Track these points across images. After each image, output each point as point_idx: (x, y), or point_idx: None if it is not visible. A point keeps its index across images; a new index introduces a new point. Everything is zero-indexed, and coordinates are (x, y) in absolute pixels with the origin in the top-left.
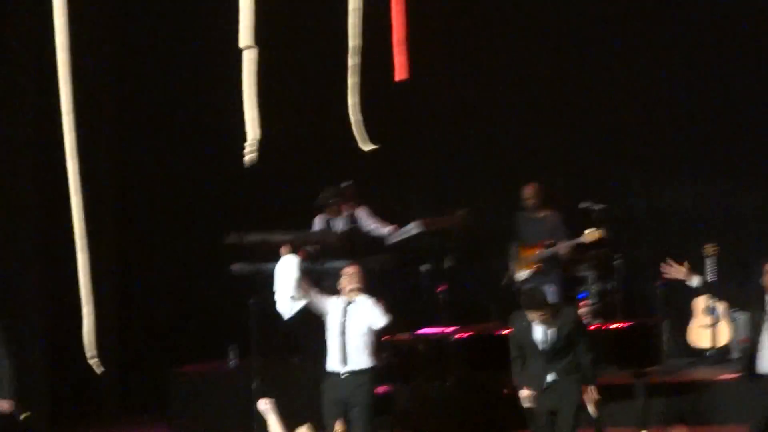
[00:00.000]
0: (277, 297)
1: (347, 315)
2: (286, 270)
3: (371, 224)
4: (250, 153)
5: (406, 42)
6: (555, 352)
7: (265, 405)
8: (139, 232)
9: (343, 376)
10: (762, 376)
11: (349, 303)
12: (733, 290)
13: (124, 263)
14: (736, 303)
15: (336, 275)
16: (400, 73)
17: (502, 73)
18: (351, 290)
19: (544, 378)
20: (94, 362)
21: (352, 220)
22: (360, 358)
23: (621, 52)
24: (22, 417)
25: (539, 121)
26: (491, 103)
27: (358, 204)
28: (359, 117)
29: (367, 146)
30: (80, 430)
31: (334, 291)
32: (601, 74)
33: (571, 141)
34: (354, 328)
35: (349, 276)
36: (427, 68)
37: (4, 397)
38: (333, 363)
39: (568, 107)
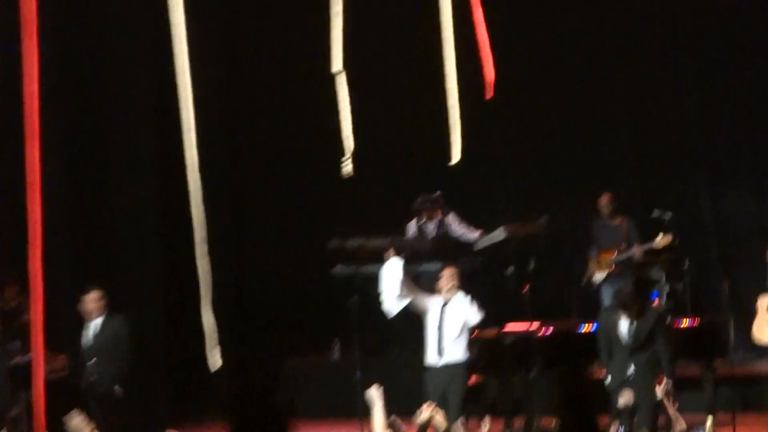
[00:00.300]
0: (383, 297)
1: (444, 312)
2: (392, 272)
3: (460, 230)
4: (347, 165)
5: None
6: (636, 346)
7: (375, 391)
8: (253, 240)
9: (440, 368)
10: None
11: (447, 302)
12: None
13: (240, 267)
14: None
15: (429, 277)
16: (489, 91)
17: (579, 90)
18: (449, 289)
19: (626, 370)
20: (213, 359)
21: (442, 225)
22: (455, 351)
23: (690, 65)
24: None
25: (614, 136)
26: (570, 119)
27: (448, 211)
28: (458, 135)
29: (456, 159)
30: (196, 423)
31: (428, 292)
32: (668, 92)
33: (644, 153)
34: (450, 324)
35: (447, 277)
36: (510, 85)
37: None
38: (431, 356)
39: (639, 123)
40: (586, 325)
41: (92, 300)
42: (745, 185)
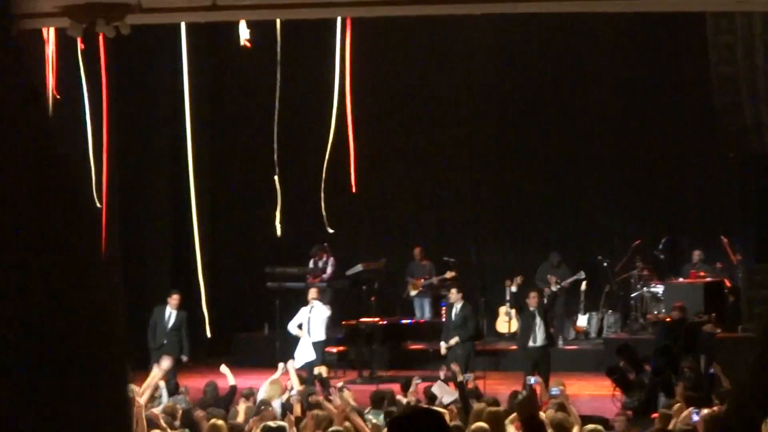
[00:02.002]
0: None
1: (311, 315)
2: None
3: (333, 266)
4: (278, 226)
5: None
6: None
7: (291, 364)
8: (222, 263)
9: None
10: (529, 347)
11: (311, 309)
12: None
13: (214, 276)
14: None
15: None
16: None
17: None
18: (313, 299)
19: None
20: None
21: (327, 263)
22: (317, 335)
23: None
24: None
25: (423, 207)
26: (397, 199)
27: (330, 255)
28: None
29: (330, 229)
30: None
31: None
32: (448, 176)
33: (437, 222)
34: (315, 321)
35: (312, 292)
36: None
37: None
38: (304, 336)
39: (436, 203)
40: (405, 319)
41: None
42: (493, 241)
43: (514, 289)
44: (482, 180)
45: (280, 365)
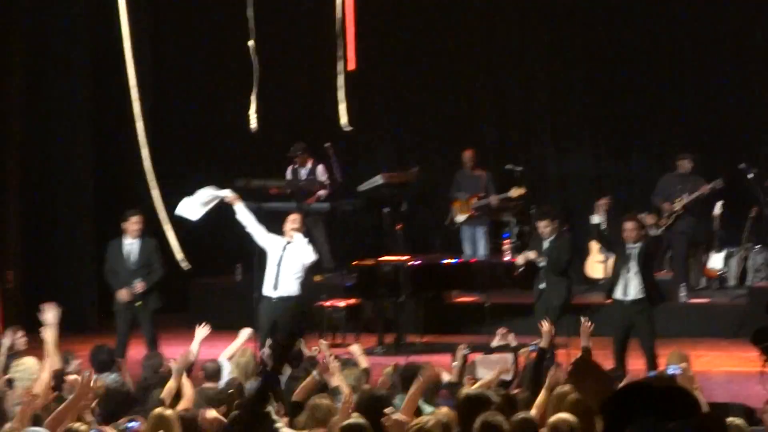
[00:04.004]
0: (186, 205)
1: (285, 251)
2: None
3: (322, 178)
4: (252, 121)
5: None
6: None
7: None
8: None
9: (274, 300)
10: (616, 300)
11: (288, 242)
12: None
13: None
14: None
15: (284, 214)
16: (351, 64)
17: (448, 59)
18: (292, 231)
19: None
20: (183, 263)
21: (312, 173)
22: (290, 287)
23: (541, 40)
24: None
25: (478, 99)
26: (440, 87)
27: (317, 162)
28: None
29: (346, 125)
30: None
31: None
32: (522, 65)
33: (501, 116)
34: (289, 262)
35: (290, 221)
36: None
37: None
38: (267, 288)
39: (500, 90)
40: (448, 258)
41: (136, 222)
42: (583, 147)
43: (596, 219)
44: (564, 56)
45: (244, 331)
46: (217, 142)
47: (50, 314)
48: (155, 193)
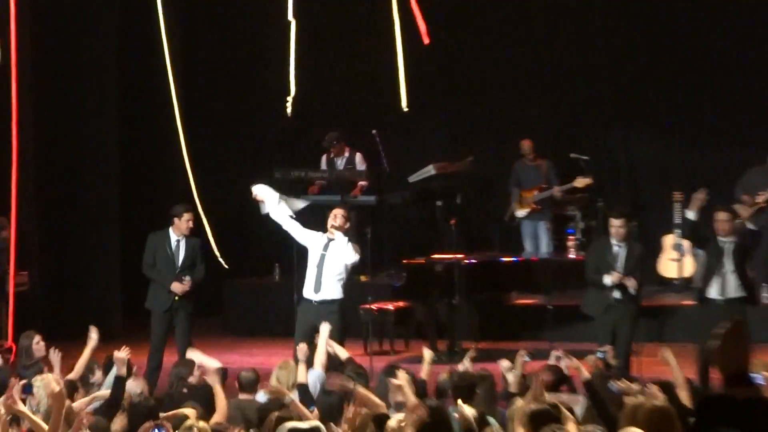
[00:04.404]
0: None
1: (327, 251)
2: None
3: (362, 167)
4: (289, 106)
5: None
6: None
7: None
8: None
9: (315, 303)
10: (711, 300)
11: (330, 241)
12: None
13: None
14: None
15: (328, 207)
16: (425, 38)
17: (503, 40)
18: (335, 228)
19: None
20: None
21: (350, 162)
22: (332, 289)
23: (606, 18)
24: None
25: (536, 84)
26: (496, 72)
27: (355, 151)
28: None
29: (405, 107)
30: None
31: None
32: (585, 45)
33: (563, 101)
34: (331, 263)
35: (334, 216)
36: (443, 39)
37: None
38: (308, 291)
39: (560, 73)
40: (507, 257)
41: (190, 218)
42: (654, 134)
43: (691, 214)
44: (636, 34)
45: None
46: (251, 132)
47: (95, 334)
48: (193, 188)
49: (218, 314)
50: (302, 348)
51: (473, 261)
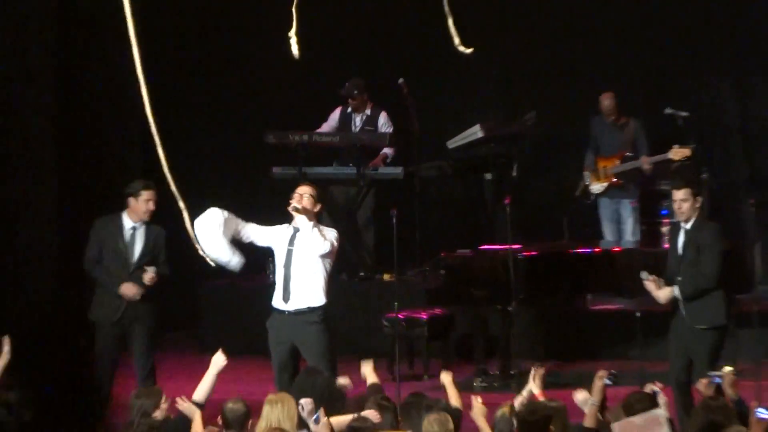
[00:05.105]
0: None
1: (293, 245)
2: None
3: (386, 129)
4: (293, 43)
5: None
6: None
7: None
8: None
9: (288, 314)
10: None
11: (295, 232)
12: None
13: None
14: None
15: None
16: None
17: None
18: (299, 212)
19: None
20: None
21: (371, 121)
22: (308, 294)
23: None
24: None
25: (621, 19)
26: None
27: (381, 108)
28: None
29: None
30: None
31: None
32: None
33: (656, 43)
34: (300, 259)
35: (298, 196)
36: None
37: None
38: (277, 300)
39: (649, 5)
40: (579, 246)
41: (149, 198)
42: None
43: None
44: None
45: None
46: (239, 81)
47: (8, 346)
48: (163, 162)
49: (191, 327)
50: (307, 404)
51: (534, 253)
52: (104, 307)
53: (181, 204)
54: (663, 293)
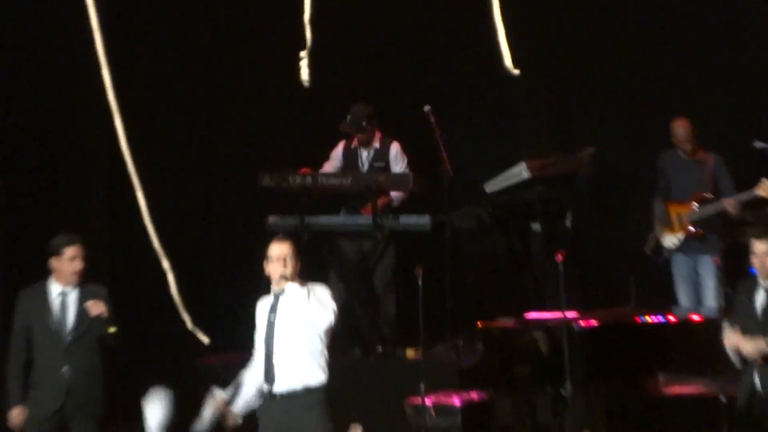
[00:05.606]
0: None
1: (276, 315)
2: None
3: (400, 166)
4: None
5: None
6: None
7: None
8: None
9: (277, 400)
10: None
11: (278, 298)
12: None
13: None
14: None
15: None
16: None
17: None
18: (279, 279)
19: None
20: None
21: (380, 156)
22: (299, 374)
23: None
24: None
25: (699, 38)
26: (631, 14)
27: (391, 140)
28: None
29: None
30: None
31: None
32: None
33: (736, 61)
34: (285, 332)
35: (277, 259)
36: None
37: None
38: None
39: (735, 21)
40: (649, 314)
41: (75, 254)
42: None
43: None
44: None
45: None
46: (233, 114)
47: None
48: (142, 204)
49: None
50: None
51: (593, 323)
52: (39, 406)
53: (166, 264)
54: (752, 346)
